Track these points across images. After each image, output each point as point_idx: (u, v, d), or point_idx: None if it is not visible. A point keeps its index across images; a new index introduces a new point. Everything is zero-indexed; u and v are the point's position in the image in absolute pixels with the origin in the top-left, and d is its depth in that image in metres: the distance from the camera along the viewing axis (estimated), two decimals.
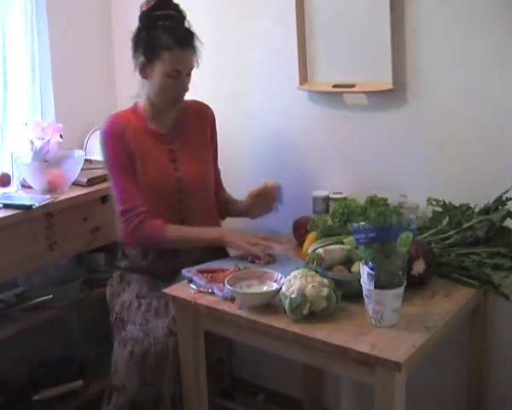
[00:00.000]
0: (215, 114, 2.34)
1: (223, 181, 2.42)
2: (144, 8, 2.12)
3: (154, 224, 2.14)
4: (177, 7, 2.13)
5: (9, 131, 2.62)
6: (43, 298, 2.43)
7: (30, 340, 2.66)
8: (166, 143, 2.22)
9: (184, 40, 2.08)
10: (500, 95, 2.02)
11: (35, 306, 2.43)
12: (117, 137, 2.16)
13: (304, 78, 2.40)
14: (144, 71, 2.15)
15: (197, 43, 2.14)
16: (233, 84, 2.57)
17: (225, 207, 2.39)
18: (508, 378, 2.17)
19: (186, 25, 2.13)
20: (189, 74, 2.14)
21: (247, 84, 2.57)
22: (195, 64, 2.15)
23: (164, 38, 2.07)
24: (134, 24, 2.88)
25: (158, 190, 2.17)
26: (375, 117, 2.29)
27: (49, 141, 2.47)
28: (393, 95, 2.21)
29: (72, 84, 2.83)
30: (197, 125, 2.29)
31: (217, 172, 2.38)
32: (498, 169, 2.07)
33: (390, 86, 2.18)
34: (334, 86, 2.32)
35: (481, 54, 2.03)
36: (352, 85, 2.28)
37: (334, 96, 2.36)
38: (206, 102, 2.34)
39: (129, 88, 2.97)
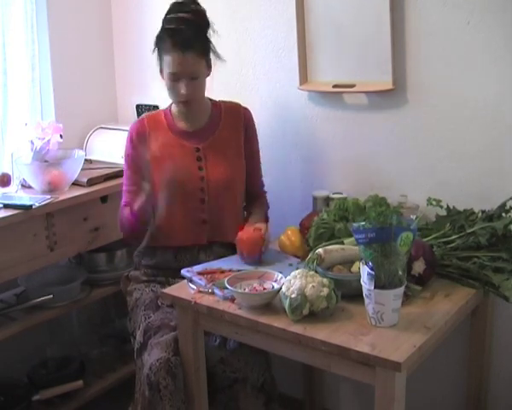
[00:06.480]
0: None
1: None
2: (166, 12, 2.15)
3: (124, 212, 2.22)
4: (193, 9, 2.11)
5: (9, 131, 2.62)
6: (43, 298, 2.43)
7: (30, 340, 2.66)
8: (193, 141, 2.23)
9: (183, 44, 2.06)
10: (500, 95, 2.02)
11: (35, 306, 2.43)
12: (137, 140, 2.22)
13: (304, 78, 2.40)
14: (161, 72, 2.19)
15: (206, 47, 2.14)
16: (233, 84, 2.57)
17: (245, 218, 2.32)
18: (508, 378, 2.17)
19: (193, 31, 2.09)
20: (193, 79, 2.11)
21: (246, 85, 2.57)
22: (206, 69, 2.15)
23: (167, 41, 2.09)
24: (134, 24, 2.90)
25: (179, 189, 2.18)
26: (375, 117, 2.29)
27: (49, 141, 2.47)
28: (393, 95, 2.21)
29: (72, 84, 2.83)
30: (229, 125, 2.27)
31: (253, 175, 2.34)
32: (498, 169, 2.07)
33: (390, 86, 2.18)
34: (334, 86, 2.32)
35: (481, 54, 2.03)
36: (352, 85, 2.28)
37: (334, 96, 2.36)
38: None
39: (129, 88, 2.99)
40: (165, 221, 2.20)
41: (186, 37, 2.07)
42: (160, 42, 2.13)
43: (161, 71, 2.18)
